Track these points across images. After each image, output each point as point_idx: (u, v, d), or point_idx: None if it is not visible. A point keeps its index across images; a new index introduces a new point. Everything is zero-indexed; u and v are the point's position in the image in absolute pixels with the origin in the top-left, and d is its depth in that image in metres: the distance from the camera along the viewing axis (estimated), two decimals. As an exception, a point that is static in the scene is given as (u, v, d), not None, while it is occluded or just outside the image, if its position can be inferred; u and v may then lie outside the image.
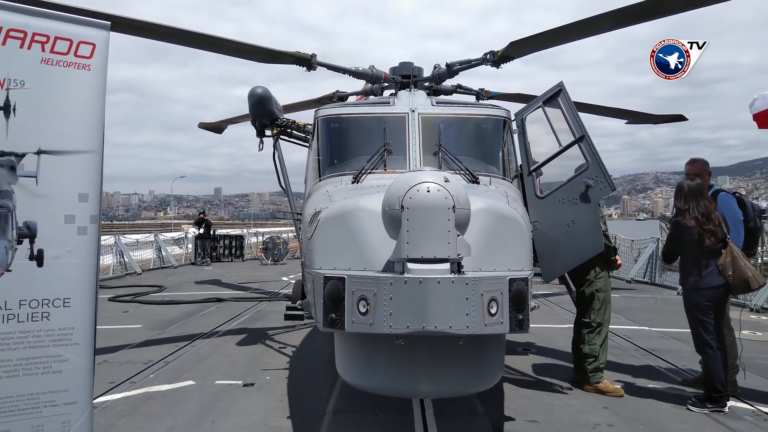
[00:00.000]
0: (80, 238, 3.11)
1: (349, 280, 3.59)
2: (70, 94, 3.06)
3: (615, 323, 9.70)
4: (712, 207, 5.58)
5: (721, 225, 5.55)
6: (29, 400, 2.97)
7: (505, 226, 4.01)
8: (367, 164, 5.20)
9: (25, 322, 2.95)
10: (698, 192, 5.59)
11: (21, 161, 2.92)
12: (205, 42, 7.54)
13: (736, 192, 6.29)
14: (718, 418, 5.30)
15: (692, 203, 5.54)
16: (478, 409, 5.46)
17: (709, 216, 5.48)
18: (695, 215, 5.49)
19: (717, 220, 5.52)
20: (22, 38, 2.91)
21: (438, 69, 8.29)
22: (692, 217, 5.50)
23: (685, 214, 5.56)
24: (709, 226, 5.44)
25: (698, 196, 5.56)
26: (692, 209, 5.52)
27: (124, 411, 5.47)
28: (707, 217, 5.47)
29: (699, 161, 6.29)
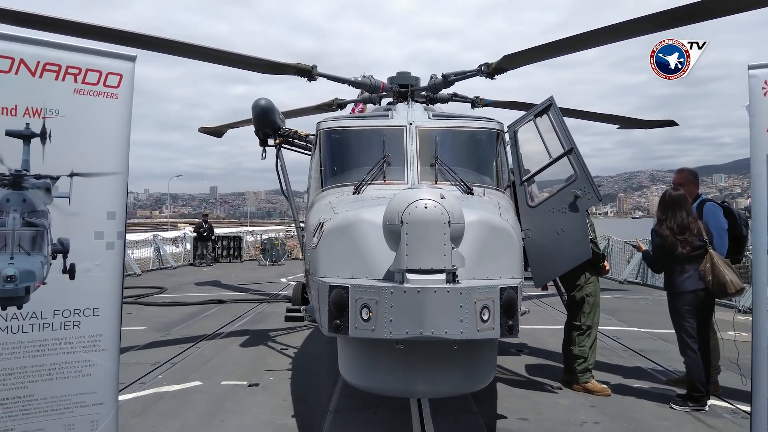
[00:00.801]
0: (108, 252, 3.39)
1: (352, 289, 3.87)
2: (100, 121, 3.34)
3: (606, 324, 10.03)
4: (691, 218, 5.89)
5: (701, 233, 5.87)
6: (62, 401, 3.25)
7: (496, 237, 4.29)
8: (367, 176, 5.47)
9: (59, 330, 3.23)
10: (677, 203, 5.94)
11: (56, 183, 3.21)
12: (208, 54, 7.81)
13: (724, 201, 6.60)
14: (699, 416, 5.61)
15: (670, 213, 5.90)
16: (473, 408, 5.76)
17: (686, 227, 5.81)
18: (671, 225, 5.86)
19: (696, 229, 5.84)
20: (57, 71, 3.19)
21: (435, 79, 8.57)
22: (668, 228, 5.87)
23: (662, 223, 5.93)
24: (684, 236, 5.79)
25: (676, 207, 5.92)
26: (669, 220, 5.89)
27: (137, 410, 5.75)
28: (682, 228, 5.81)
29: (685, 171, 6.62)
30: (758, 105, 3.76)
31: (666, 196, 6.13)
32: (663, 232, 5.95)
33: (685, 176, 6.56)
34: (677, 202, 5.98)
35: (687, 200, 6.07)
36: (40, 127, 3.15)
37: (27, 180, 3.11)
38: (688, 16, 6.60)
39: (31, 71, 3.12)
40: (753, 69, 3.80)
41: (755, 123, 3.77)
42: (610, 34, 6.94)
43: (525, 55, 7.62)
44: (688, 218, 5.88)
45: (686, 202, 6.03)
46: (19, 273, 3.07)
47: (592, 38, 7.03)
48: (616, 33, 6.84)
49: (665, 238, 5.91)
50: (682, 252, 5.81)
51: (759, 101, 3.76)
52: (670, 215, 5.94)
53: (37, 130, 3.14)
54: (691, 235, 5.82)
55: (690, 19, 6.52)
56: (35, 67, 3.13)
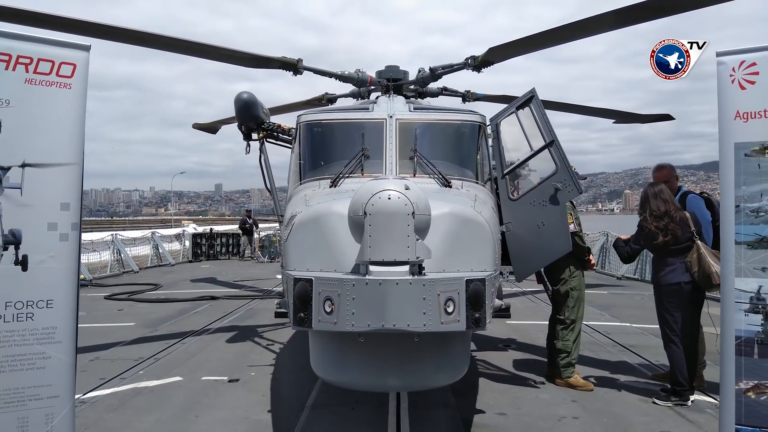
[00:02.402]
0: (62, 244, 3.35)
1: (316, 282, 3.81)
2: (53, 112, 3.29)
3: (597, 319, 9.99)
4: (671, 206, 5.83)
5: (688, 224, 5.81)
6: (15, 394, 3.21)
7: (467, 229, 4.23)
8: (345, 169, 5.42)
9: (11, 322, 3.19)
10: (653, 195, 5.94)
11: (6, 174, 3.17)
12: (194, 48, 7.77)
13: (704, 192, 6.54)
14: (681, 411, 5.55)
15: (646, 205, 5.89)
16: (450, 403, 5.71)
17: (663, 214, 5.76)
18: (648, 216, 5.83)
19: (678, 218, 5.78)
20: (7, 60, 3.15)
21: (422, 73, 8.51)
22: (646, 219, 5.84)
23: (642, 216, 5.93)
24: (663, 223, 5.74)
25: (651, 199, 5.92)
26: (646, 212, 5.86)
27: (113, 405, 5.73)
28: (658, 217, 5.78)
29: (665, 168, 6.58)
30: (726, 92, 3.68)
31: (643, 191, 6.17)
32: (643, 224, 5.97)
33: (667, 172, 6.54)
34: (653, 194, 5.98)
35: (665, 191, 6.00)
36: (-10, 117, 3.11)
37: (-24, 170, 3.08)
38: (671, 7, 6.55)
39: (-20, 60, 3.09)
40: (721, 56, 3.72)
41: (723, 111, 3.70)
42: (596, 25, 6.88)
43: (510, 47, 7.55)
44: (665, 206, 5.83)
45: (663, 192, 5.97)
46: (-32, 264, 3.03)
47: (578, 30, 6.96)
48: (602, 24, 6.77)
49: (645, 229, 5.90)
50: (663, 240, 5.75)
51: (727, 88, 3.68)
52: (646, 207, 5.94)
53: (-13, 120, 3.10)
54: (671, 222, 5.76)
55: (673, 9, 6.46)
56: (-16, 56, 3.09)
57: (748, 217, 3.75)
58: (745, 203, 3.75)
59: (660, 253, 5.94)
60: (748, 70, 3.67)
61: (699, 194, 6.38)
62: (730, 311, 3.73)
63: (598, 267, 18.64)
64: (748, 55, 3.68)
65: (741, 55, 3.70)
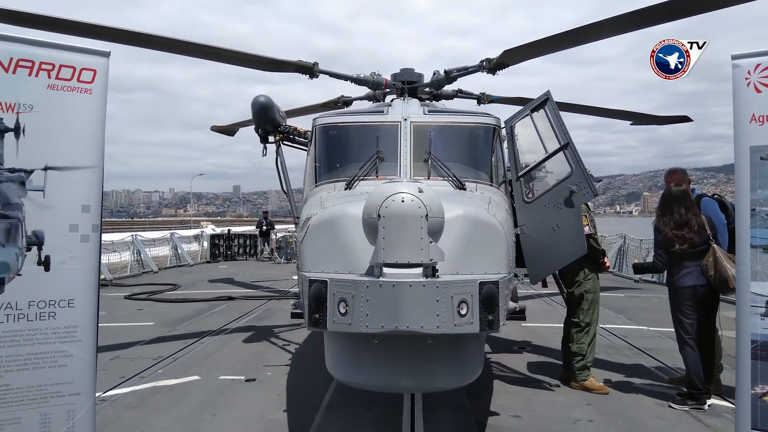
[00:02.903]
0: (83, 245, 3.44)
1: (330, 283, 3.86)
2: (74, 116, 3.39)
3: (614, 323, 9.92)
4: (691, 214, 5.79)
5: (704, 228, 5.76)
6: (38, 391, 3.31)
7: (481, 232, 4.24)
8: (359, 171, 5.46)
9: (34, 320, 3.29)
10: (676, 199, 5.86)
11: (30, 177, 3.27)
12: (212, 53, 7.88)
13: (715, 194, 6.49)
14: (697, 415, 5.50)
15: (668, 210, 5.83)
16: (465, 404, 5.73)
17: (684, 223, 5.72)
18: (667, 221, 5.78)
19: (696, 225, 5.73)
20: (30, 67, 3.25)
21: (437, 75, 8.52)
22: (664, 222, 5.78)
23: (660, 219, 5.86)
24: (682, 232, 5.69)
25: (674, 203, 5.83)
26: (666, 215, 5.81)
27: (132, 404, 5.83)
28: (679, 224, 5.73)
29: (677, 172, 6.53)
30: (742, 95, 3.66)
31: (667, 191, 6.06)
32: (661, 227, 5.90)
33: (680, 176, 6.47)
34: (677, 199, 5.90)
35: (688, 196, 5.97)
36: (14, 122, 3.21)
37: (1, 173, 3.18)
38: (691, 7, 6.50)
39: (5, 67, 3.18)
40: (737, 59, 3.70)
41: (738, 114, 3.68)
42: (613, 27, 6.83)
43: (526, 50, 7.53)
44: (687, 214, 5.79)
45: (687, 199, 5.93)
46: (-7, 264, 3.13)
47: (594, 31, 6.93)
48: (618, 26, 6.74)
49: (663, 233, 5.84)
50: (680, 248, 5.72)
51: (742, 91, 3.66)
52: (667, 211, 5.88)
53: (11, 125, 3.20)
54: (690, 231, 5.72)
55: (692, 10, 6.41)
56: (8, 63, 3.19)
57: (763, 220, 3.72)
58: (760, 206, 3.72)
59: (676, 257, 5.90)
60: (764, 73, 3.65)
61: (712, 196, 6.32)
62: (746, 315, 3.70)
63: (615, 269, 18.48)
64: (764, 58, 3.66)
65: (757, 58, 3.68)
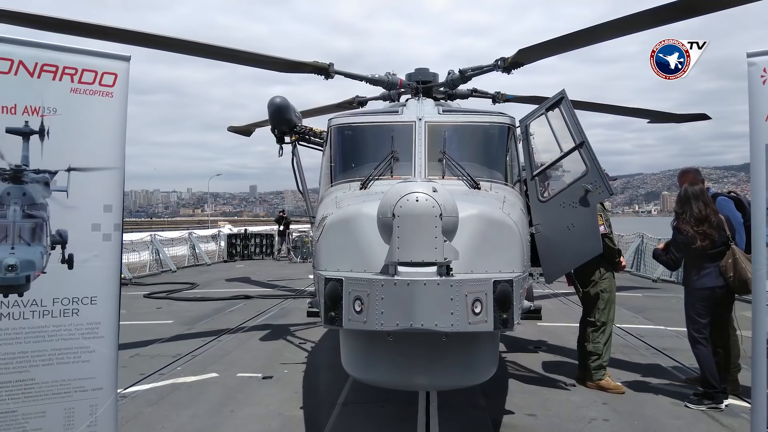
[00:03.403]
0: (105, 243, 3.53)
1: (346, 282, 3.92)
2: (96, 119, 3.49)
3: (631, 322, 9.86)
4: (710, 210, 5.75)
5: (723, 228, 5.72)
6: (62, 386, 3.40)
7: (495, 231, 4.27)
8: (374, 171, 5.51)
9: (58, 317, 3.39)
10: (695, 196, 5.80)
11: (54, 178, 3.37)
12: (229, 55, 7.99)
13: (732, 192, 6.43)
14: (714, 414, 5.47)
15: (686, 207, 5.78)
16: (479, 403, 5.75)
17: (704, 218, 5.66)
18: (688, 218, 5.73)
19: (716, 223, 5.68)
20: (54, 71, 3.35)
21: (452, 75, 8.54)
22: (685, 221, 5.73)
23: (679, 217, 5.80)
24: (703, 228, 5.64)
25: (693, 200, 5.77)
26: (686, 213, 5.75)
27: (152, 400, 5.95)
28: (699, 220, 5.67)
29: (690, 172, 6.50)
30: (758, 93, 3.64)
31: (683, 190, 6.01)
32: (681, 226, 5.84)
33: (692, 177, 6.43)
34: (695, 195, 5.85)
35: (705, 194, 5.93)
36: (39, 125, 3.31)
37: (26, 174, 3.28)
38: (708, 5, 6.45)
39: (30, 72, 3.28)
40: (752, 57, 3.68)
41: (754, 112, 3.65)
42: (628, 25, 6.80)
43: (541, 49, 7.52)
44: (706, 210, 5.74)
45: (704, 195, 5.89)
46: (19, 262, 3.23)
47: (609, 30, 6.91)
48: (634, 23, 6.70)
49: (683, 231, 5.78)
50: (701, 245, 5.65)
51: (758, 89, 3.64)
52: (687, 208, 5.82)
53: (36, 128, 3.30)
54: (710, 228, 5.67)
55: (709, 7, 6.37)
56: (33, 68, 3.29)
57: (780, 219, 3.70)
58: (776, 205, 3.70)
59: (694, 257, 5.84)
60: (780, 71, 3.62)
61: (728, 194, 6.27)
62: (762, 314, 3.69)
63: (633, 269, 18.32)
64: (780, 56, 3.63)
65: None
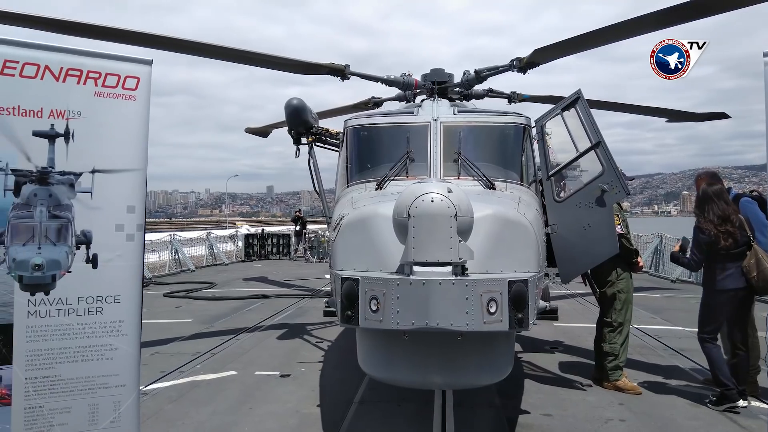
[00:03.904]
0: (128, 244, 3.62)
1: (362, 281, 3.97)
2: (119, 122, 3.57)
3: (648, 323, 9.80)
4: (731, 209, 5.70)
5: (744, 228, 5.67)
6: (87, 382, 3.49)
7: (510, 231, 4.28)
8: (390, 172, 5.56)
9: (83, 315, 3.48)
10: (715, 195, 5.76)
11: (78, 179, 3.47)
12: (245, 57, 8.08)
13: (754, 191, 6.37)
14: (732, 416, 5.43)
15: (707, 206, 5.74)
16: (495, 403, 5.77)
17: (726, 218, 5.62)
18: (710, 218, 5.68)
19: (737, 222, 5.63)
20: (78, 75, 3.44)
21: (467, 75, 8.56)
22: (707, 220, 5.68)
23: (700, 218, 5.76)
24: (726, 227, 5.59)
25: (713, 200, 5.73)
26: (707, 212, 5.71)
27: (172, 397, 6.05)
28: (722, 219, 5.62)
29: (705, 176, 6.43)
30: (774, 93, 3.62)
31: (701, 191, 5.98)
32: (704, 226, 5.77)
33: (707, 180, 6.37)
34: (716, 195, 5.81)
35: (724, 193, 5.88)
36: (64, 128, 3.40)
37: (52, 176, 3.37)
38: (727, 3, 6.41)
39: (55, 76, 3.38)
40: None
41: (771, 112, 3.64)
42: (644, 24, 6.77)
43: (556, 48, 7.52)
44: (728, 209, 5.70)
45: (723, 194, 5.84)
46: (46, 262, 3.33)
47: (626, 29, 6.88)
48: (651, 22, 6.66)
49: (706, 231, 5.72)
50: (725, 245, 5.60)
51: (775, 88, 3.62)
52: (708, 208, 5.78)
53: (61, 131, 3.40)
54: (732, 227, 5.62)
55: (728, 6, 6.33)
56: (59, 72, 3.39)
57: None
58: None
59: (716, 257, 5.78)
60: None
61: (751, 193, 6.21)
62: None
63: (652, 270, 18.15)
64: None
65: (790, 54, 3.64)
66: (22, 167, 3.31)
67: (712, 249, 5.71)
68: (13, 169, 3.28)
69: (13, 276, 3.27)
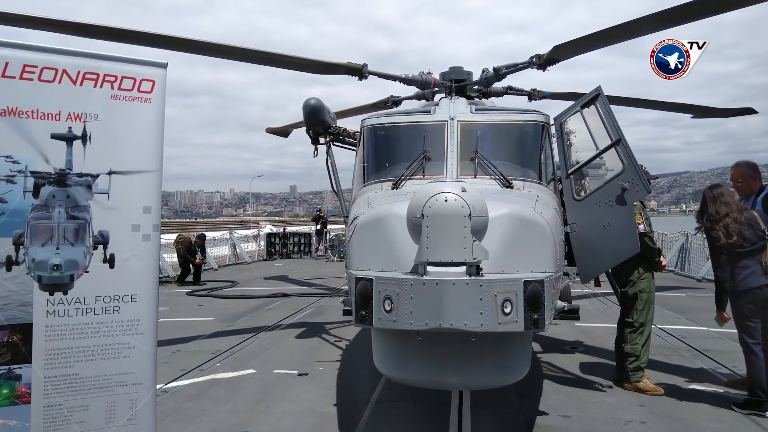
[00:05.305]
0: (144, 243, 3.67)
1: (376, 281, 3.98)
2: (135, 124, 3.62)
3: (672, 323, 9.63)
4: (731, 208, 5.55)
5: (757, 223, 5.54)
6: (104, 380, 3.55)
7: (527, 230, 4.24)
8: (406, 171, 5.54)
9: (100, 314, 3.53)
10: (711, 199, 5.68)
11: (96, 181, 3.52)
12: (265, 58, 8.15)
13: None
14: (757, 420, 5.30)
15: (705, 210, 5.66)
16: (513, 403, 5.72)
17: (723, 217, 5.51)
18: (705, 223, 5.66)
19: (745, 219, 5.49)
20: (95, 79, 3.50)
21: (486, 73, 8.51)
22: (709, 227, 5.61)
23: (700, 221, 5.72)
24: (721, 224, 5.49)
25: (709, 203, 5.67)
26: (704, 217, 5.64)
27: (192, 395, 6.13)
28: (716, 220, 5.54)
29: (742, 166, 6.26)
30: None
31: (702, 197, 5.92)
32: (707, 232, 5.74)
33: (743, 171, 6.21)
34: (712, 199, 5.71)
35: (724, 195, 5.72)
36: (81, 131, 3.46)
37: (70, 178, 3.43)
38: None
39: (73, 80, 3.43)
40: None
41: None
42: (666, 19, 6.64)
43: (576, 45, 7.45)
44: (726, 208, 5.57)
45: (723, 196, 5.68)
46: (64, 262, 3.39)
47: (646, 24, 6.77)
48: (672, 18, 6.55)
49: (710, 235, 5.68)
50: (727, 241, 5.47)
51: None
52: (705, 211, 5.72)
53: (79, 133, 3.45)
54: (734, 223, 5.48)
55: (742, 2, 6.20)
56: (76, 76, 3.44)
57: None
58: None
59: (733, 257, 5.65)
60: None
61: None
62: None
63: (677, 268, 17.84)
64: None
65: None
66: (41, 169, 3.37)
67: (724, 250, 5.58)
68: (32, 171, 3.34)
69: (33, 276, 3.33)
